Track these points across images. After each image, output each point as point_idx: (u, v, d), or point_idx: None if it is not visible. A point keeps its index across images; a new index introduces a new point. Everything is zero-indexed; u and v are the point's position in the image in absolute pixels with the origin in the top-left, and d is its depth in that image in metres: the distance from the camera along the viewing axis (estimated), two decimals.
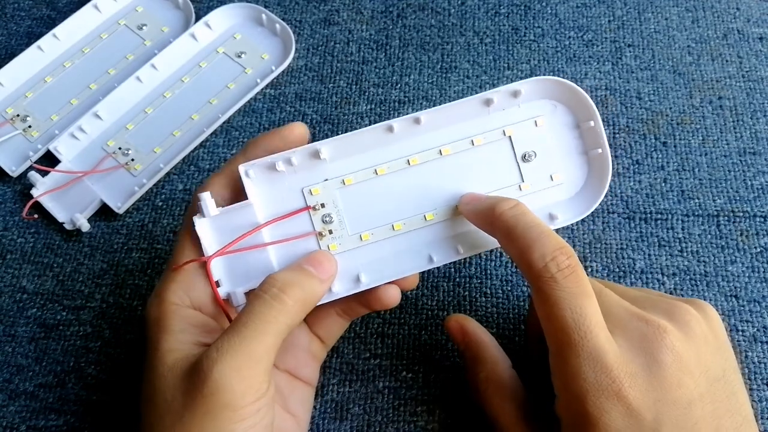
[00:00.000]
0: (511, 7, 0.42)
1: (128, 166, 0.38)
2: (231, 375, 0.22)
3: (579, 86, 0.27)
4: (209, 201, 0.26)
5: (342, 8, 0.43)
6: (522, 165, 0.28)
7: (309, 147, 0.26)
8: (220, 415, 0.21)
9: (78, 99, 0.40)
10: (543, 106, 0.27)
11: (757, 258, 0.34)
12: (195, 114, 0.39)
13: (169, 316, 0.24)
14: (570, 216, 0.28)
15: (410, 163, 0.27)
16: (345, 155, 0.27)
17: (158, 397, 0.23)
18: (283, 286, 0.24)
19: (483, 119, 0.27)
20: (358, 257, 0.27)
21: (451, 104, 0.26)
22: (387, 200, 0.27)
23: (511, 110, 0.27)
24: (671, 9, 0.42)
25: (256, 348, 0.22)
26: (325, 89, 0.40)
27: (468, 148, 0.27)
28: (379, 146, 0.27)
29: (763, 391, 0.30)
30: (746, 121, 0.38)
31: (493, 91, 0.27)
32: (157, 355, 0.24)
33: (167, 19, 0.43)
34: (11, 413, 0.32)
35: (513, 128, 0.27)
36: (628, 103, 0.38)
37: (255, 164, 0.26)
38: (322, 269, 0.25)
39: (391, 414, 0.31)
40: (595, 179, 0.28)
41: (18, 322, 0.34)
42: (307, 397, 0.29)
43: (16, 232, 0.37)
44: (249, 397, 0.22)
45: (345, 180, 0.27)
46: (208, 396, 0.21)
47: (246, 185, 0.26)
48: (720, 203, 0.35)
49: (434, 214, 0.27)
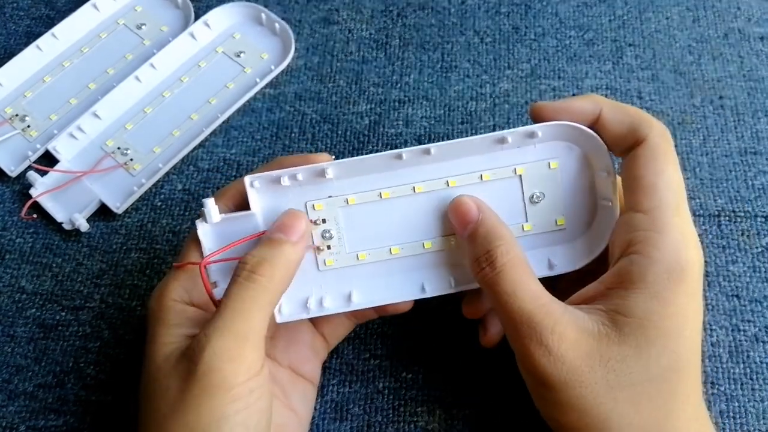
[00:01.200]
0: (511, 6, 0.42)
1: (127, 166, 0.37)
2: (221, 355, 0.22)
3: (596, 134, 0.26)
4: (213, 208, 0.26)
5: (342, 7, 0.43)
6: (528, 205, 0.27)
7: (316, 166, 0.26)
8: (214, 395, 0.22)
9: (77, 98, 0.40)
10: (558, 148, 0.27)
11: (758, 258, 0.34)
12: (194, 114, 0.39)
13: (167, 311, 0.25)
14: (568, 264, 0.27)
15: (416, 190, 0.27)
16: (351, 175, 0.27)
17: (154, 386, 0.23)
18: (253, 266, 0.24)
19: (495, 155, 0.27)
20: (352, 275, 0.28)
21: (464, 140, 0.26)
22: (388, 223, 0.27)
23: (526, 149, 0.27)
24: (672, 8, 0.41)
25: (241, 327, 0.23)
26: (324, 89, 0.40)
27: (476, 182, 0.27)
28: (386, 171, 0.27)
29: (765, 390, 0.30)
30: (747, 121, 0.37)
31: (510, 132, 0.26)
32: (153, 347, 0.24)
33: (166, 18, 0.43)
34: (11, 413, 0.32)
35: (525, 167, 0.27)
36: (629, 103, 0.38)
37: (260, 176, 0.26)
38: (291, 231, 0.25)
39: (391, 414, 0.31)
40: (598, 230, 0.27)
41: (17, 322, 0.34)
42: (308, 395, 0.29)
43: (14, 232, 0.36)
44: (241, 376, 0.22)
45: (349, 199, 0.27)
46: (200, 377, 0.22)
47: (250, 195, 0.26)
48: (721, 203, 0.35)
49: (432, 243, 0.27)
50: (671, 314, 0.23)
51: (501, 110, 0.38)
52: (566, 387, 0.23)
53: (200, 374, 0.22)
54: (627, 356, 0.23)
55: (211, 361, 0.22)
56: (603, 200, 0.27)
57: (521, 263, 0.25)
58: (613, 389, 0.23)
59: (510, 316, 0.24)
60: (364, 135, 0.38)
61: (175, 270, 0.26)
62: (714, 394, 0.30)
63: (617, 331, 0.23)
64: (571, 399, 0.23)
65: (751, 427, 0.30)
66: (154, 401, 0.23)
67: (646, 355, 0.23)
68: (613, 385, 0.23)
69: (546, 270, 0.27)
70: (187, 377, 0.22)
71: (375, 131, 0.38)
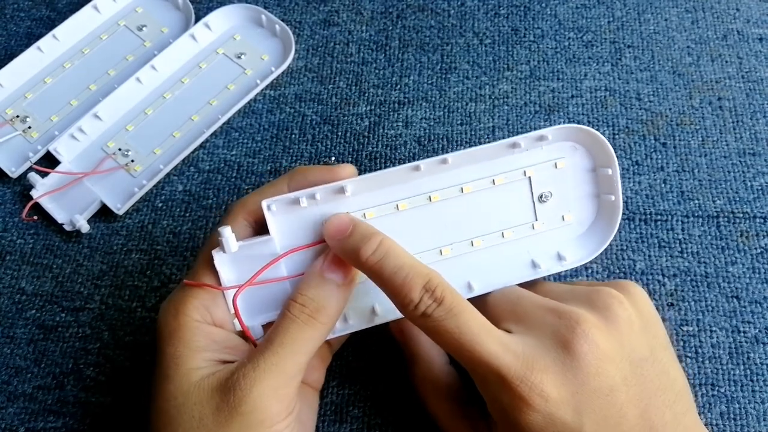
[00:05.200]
0: (510, 8, 0.42)
1: (128, 167, 0.37)
2: (269, 394, 0.22)
3: (602, 134, 0.27)
4: (230, 237, 0.26)
5: (342, 9, 0.43)
6: (537, 205, 0.28)
7: (335, 185, 0.26)
8: (255, 430, 0.22)
9: (78, 100, 0.40)
10: (564, 148, 0.28)
11: (757, 259, 0.34)
12: (195, 115, 0.39)
13: (192, 332, 0.24)
14: (578, 258, 0.28)
15: (431, 199, 0.27)
16: (368, 190, 0.27)
17: (183, 415, 0.23)
18: (314, 310, 0.24)
19: (506, 159, 0.27)
20: (373, 289, 0.27)
21: (479, 148, 0.27)
22: (405, 234, 0.27)
23: (534, 151, 0.28)
24: (671, 10, 0.42)
25: (292, 367, 0.23)
26: (324, 90, 0.40)
27: (488, 187, 0.28)
28: (403, 182, 0.27)
29: (765, 392, 0.30)
30: (746, 122, 0.37)
31: (522, 137, 0.27)
32: (180, 371, 0.24)
33: (167, 20, 0.43)
34: (10, 415, 0.32)
35: (534, 169, 0.28)
36: (628, 104, 0.38)
37: (278, 200, 0.26)
38: (343, 273, 0.25)
39: (390, 416, 0.31)
40: (604, 223, 0.29)
41: (17, 323, 0.34)
42: (313, 403, 0.29)
43: (15, 233, 0.36)
44: (283, 414, 0.23)
45: (366, 213, 0.27)
46: (245, 414, 0.22)
47: (268, 220, 0.26)
48: (720, 204, 0.35)
49: (450, 249, 0.28)
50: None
51: (500, 111, 0.39)
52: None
53: (245, 411, 0.22)
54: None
55: (260, 398, 0.22)
56: (606, 195, 0.28)
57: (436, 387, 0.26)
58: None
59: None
60: (364, 136, 0.38)
61: (190, 287, 0.25)
62: (714, 396, 0.30)
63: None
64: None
65: (752, 429, 0.30)
66: (183, 427, 0.23)
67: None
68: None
69: (557, 264, 0.28)
70: (228, 411, 0.22)
71: (375, 132, 0.38)
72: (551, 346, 0.23)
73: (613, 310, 0.24)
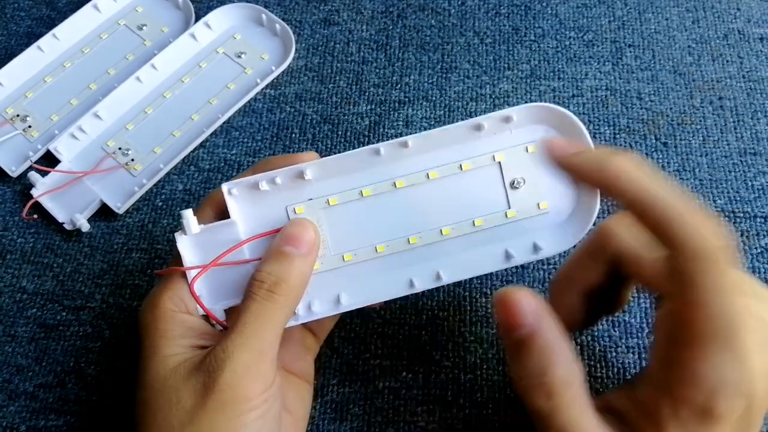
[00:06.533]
0: (511, 8, 0.42)
1: (128, 167, 0.38)
2: (242, 372, 0.23)
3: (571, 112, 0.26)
4: (191, 219, 0.26)
5: (342, 8, 0.43)
6: (510, 192, 0.27)
7: (294, 168, 0.26)
8: (233, 408, 0.23)
9: (78, 99, 0.40)
10: (535, 132, 0.27)
11: (757, 258, 0.34)
12: (195, 114, 0.39)
13: (167, 322, 0.25)
14: (555, 247, 0.27)
15: (396, 185, 0.27)
16: (330, 176, 0.26)
17: (161, 400, 0.23)
18: (272, 285, 0.24)
19: (473, 143, 0.27)
20: (339, 277, 0.27)
21: (440, 129, 0.26)
22: (371, 222, 0.27)
23: (502, 135, 0.27)
24: (672, 9, 0.41)
25: (260, 344, 0.24)
26: (325, 89, 0.40)
27: (456, 173, 0.27)
28: (365, 168, 0.27)
29: None
30: (747, 122, 0.37)
31: (484, 117, 0.26)
32: (156, 359, 0.24)
33: (167, 19, 0.43)
34: (11, 413, 0.32)
35: (503, 153, 0.27)
36: (629, 104, 0.38)
37: (238, 183, 0.26)
38: (300, 243, 0.25)
39: (390, 414, 0.31)
40: (583, 211, 0.27)
41: (18, 322, 0.34)
42: (303, 394, 0.29)
43: (15, 232, 0.37)
44: (258, 388, 0.23)
45: (329, 200, 0.27)
46: (219, 392, 0.23)
47: (229, 203, 0.26)
48: (720, 204, 0.35)
49: (418, 237, 0.27)
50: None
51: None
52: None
53: (220, 389, 0.23)
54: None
55: (232, 377, 0.23)
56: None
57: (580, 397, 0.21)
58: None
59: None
60: (365, 135, 0.38)
61: (165, 279, 0.26)
62: None
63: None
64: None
65: None
66: (162, 414, 0.23)
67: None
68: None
69: (532, 254, 0.27)
70: (203, 391, 0.23)
71: (375, 132, 0.38)
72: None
73: None
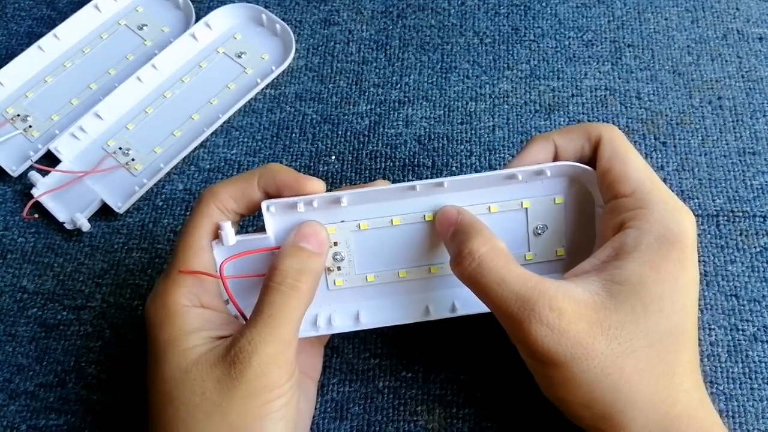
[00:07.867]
0: (510, 8, 0.42)
1: (128, 166, 0.38)
2: (269, 362, 0.23)
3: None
4: (230, 231, 0.26)
5: (342, 8, 0.43)
6: (532, 237, 0.28)
7: (332, 195, 0.27)
8: (261, 396, 0.23)
9: (78, 99, 0.40)
10: (563, 183, 0.28)
11: (756, 258, 0.34)
12: (195, 114, 0.39)
13: (182, 316, 0.25)
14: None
15: (426, 218, 0.28)
16: (364, 202, 0.27)
17: (184, 391, 0.24)
18: (296, 275, 0.25)
19: (503, 187, 0.28)
20: (360, 296, 0.29)
21: (476, 176, 0.27)
22: (397, 248, 0.28)
23: (533, 184, 0.28)
24: (671, 9, 0.42)
25: (285, 333, 0.24)
26: (325, 89, 0.40)
27: (484, 213, 0.28)
28: (399, 199, 0.27)
29: (763, 390, 0.30)
30: (746, 121, 0.38)
31: (520, 170, 0.27)
32: (175, 351, 0.24)
33: (167, 19, 0.43)
34: (12, 413, 0.32)
35: (531, 201, 0.28)
36: (628, 103, 0.38)
37: (277, 203, 0.27)
38: (317, 242, 0.26)
39: (391, 413, 0.31)
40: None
41: (18, 321, 0.34)
42: (309, 392, 0.29)
43: (16, 231, 0.37)
44: (284, 377, 0.24)
45: (361, 224, 0.28)
46: (248, 382, 0.23)
47: (266, 220, 0.27)
48: (719, 203, 0.35)
49: (439, 268, 0.28)
50: (663, 279, 0.24)
51: (500, 111, 0.39)
52: (573, 362, 0.23)
53: (247, 379, 0.23)
54: (625, 322, 0.23)
55: (260, 366, 0.23)
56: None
57: (501, 252, 0.25)
58: (618, 358, 0.23)
59: (503, 304, 0.24)
60: (365, 135, 0.38)
61: (175, 276, 0.26)
62: (713, 394, 0.30)
63: (612, 298, 0.23)
64: (578, 374, 0.23)
65: (750, 427, 0.30)
66: (185, 405, 0.24)
67: (643, 320, 0.23)
68: (617, 353, 0.23)
69: None
70: (231, 382, 0.23)
71: (375, 131, 0.38)
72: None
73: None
